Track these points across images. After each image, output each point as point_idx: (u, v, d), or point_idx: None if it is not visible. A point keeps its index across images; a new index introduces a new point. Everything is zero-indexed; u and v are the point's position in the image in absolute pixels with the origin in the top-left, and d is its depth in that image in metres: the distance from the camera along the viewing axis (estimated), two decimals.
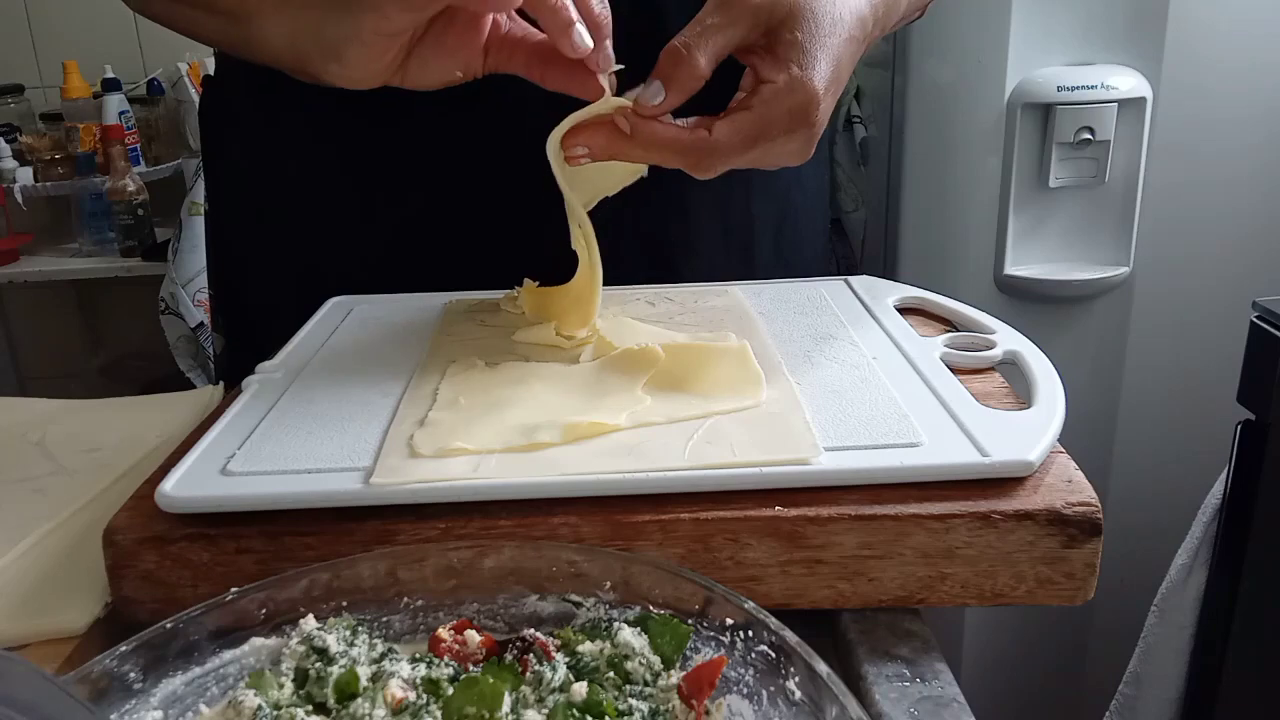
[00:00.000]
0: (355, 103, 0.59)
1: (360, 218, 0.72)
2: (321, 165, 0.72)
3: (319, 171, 0.72)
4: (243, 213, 0.79)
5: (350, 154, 0.71)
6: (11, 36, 2.39)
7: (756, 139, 0.51)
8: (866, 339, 0.57)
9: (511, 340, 0.58)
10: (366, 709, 0.31)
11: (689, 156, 0.51)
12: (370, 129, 0.66)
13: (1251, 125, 1.25)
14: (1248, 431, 0.96)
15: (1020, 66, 1.25)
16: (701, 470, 0.42)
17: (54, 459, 0.57)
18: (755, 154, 0.52)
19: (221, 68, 0.78)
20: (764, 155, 0.52)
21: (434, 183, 0.70)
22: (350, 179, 0.71)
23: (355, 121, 0.68)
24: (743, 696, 0.33)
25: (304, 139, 0.72)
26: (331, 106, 0.68)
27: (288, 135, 0.73)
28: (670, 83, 0.50)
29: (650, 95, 0.50)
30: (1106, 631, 1.39)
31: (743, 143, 0.50)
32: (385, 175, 0.70)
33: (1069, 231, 1.32)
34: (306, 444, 0.46)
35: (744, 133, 0.50)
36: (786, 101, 0.51)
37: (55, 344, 2.53)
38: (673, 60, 0.50)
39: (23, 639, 0.42)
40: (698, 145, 0.50)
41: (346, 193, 0.72)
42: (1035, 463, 0.42)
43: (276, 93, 0.72)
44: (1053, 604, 0.42)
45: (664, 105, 0.50)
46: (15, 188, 2.16)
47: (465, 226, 0.70)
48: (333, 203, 0.73)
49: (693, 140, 0.50)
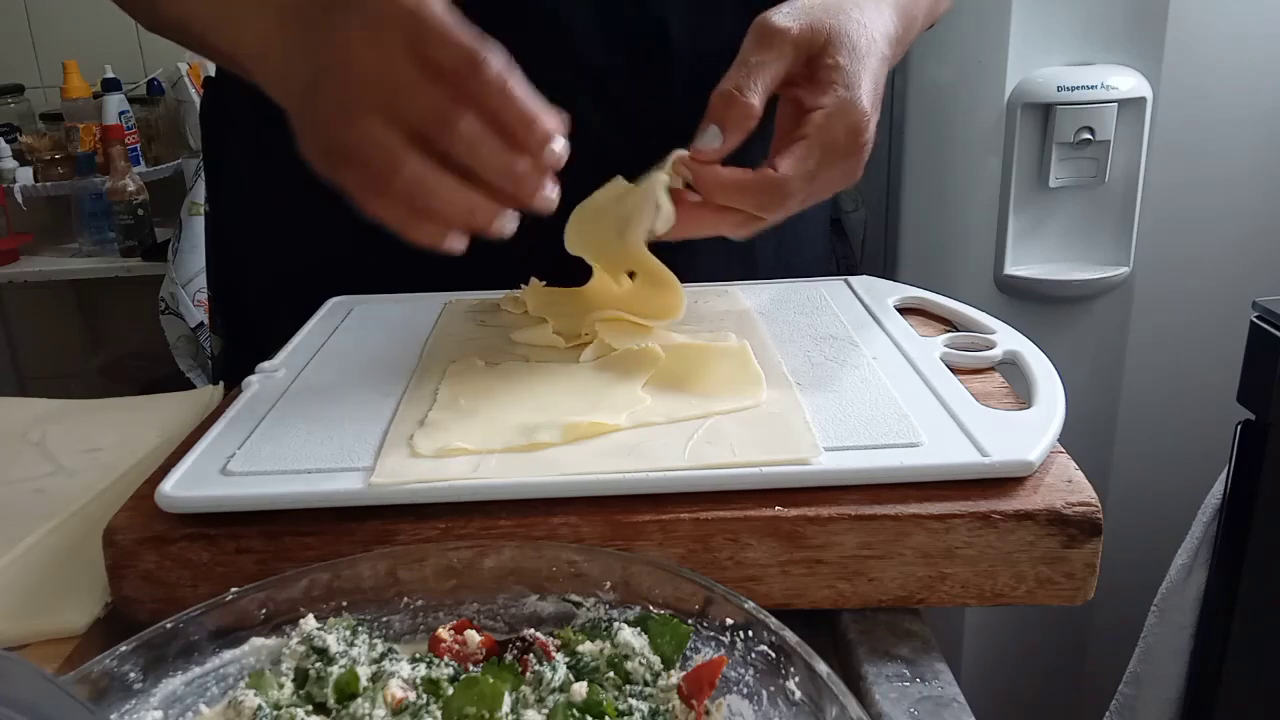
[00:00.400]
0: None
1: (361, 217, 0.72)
2: None
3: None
4: (243, 213, 0.78)
5: None
6: (11, 36, 2.39)
7: (820, 165, 0.51)
8: (866, 339, 0.57)
9: (511, 340, 0.58)
10: (366, 709, 0.31)
11: (759, 196, 0.51)
12: None
13: (1251, 125, 1.25)
14: (1248, 431, 0.96)
15: (1020, 66, 1.25)
16: (701, 470, 0.42)
17: (54, 459, 0.57)
18: (817, 185, 0.52)
19: (222, 69, 0.79)
20: (823, 184, 0.53)
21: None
22: None
23: None
24: (743, 696, 0.33)
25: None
26: None
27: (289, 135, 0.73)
28: (726, 124, 0.51)
29: (708, 140, 0.51)
30: (1106, 631, 1.39)
31: (807, 172, 0.51)
32: None
33: (1069, 231, 1.32)
34: (306, 444, 0.46)
35: (806, 161, 0.51)
36: (841, 123, 0.51)
37: (55, 344, 2.53)
38: (726, 103, 0.51)
39: (23, 639, 0.42)
40: (766, 183, 0.51)
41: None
42: (1035, 463, 0.42)
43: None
44: (1053, 604, 0.42)
45: (724, 148, 0.51)
46: (15, 188, 2.16)
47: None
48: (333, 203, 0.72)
49: (760, 179, 0.51)
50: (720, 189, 0.51)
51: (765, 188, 0.51)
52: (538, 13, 0.65)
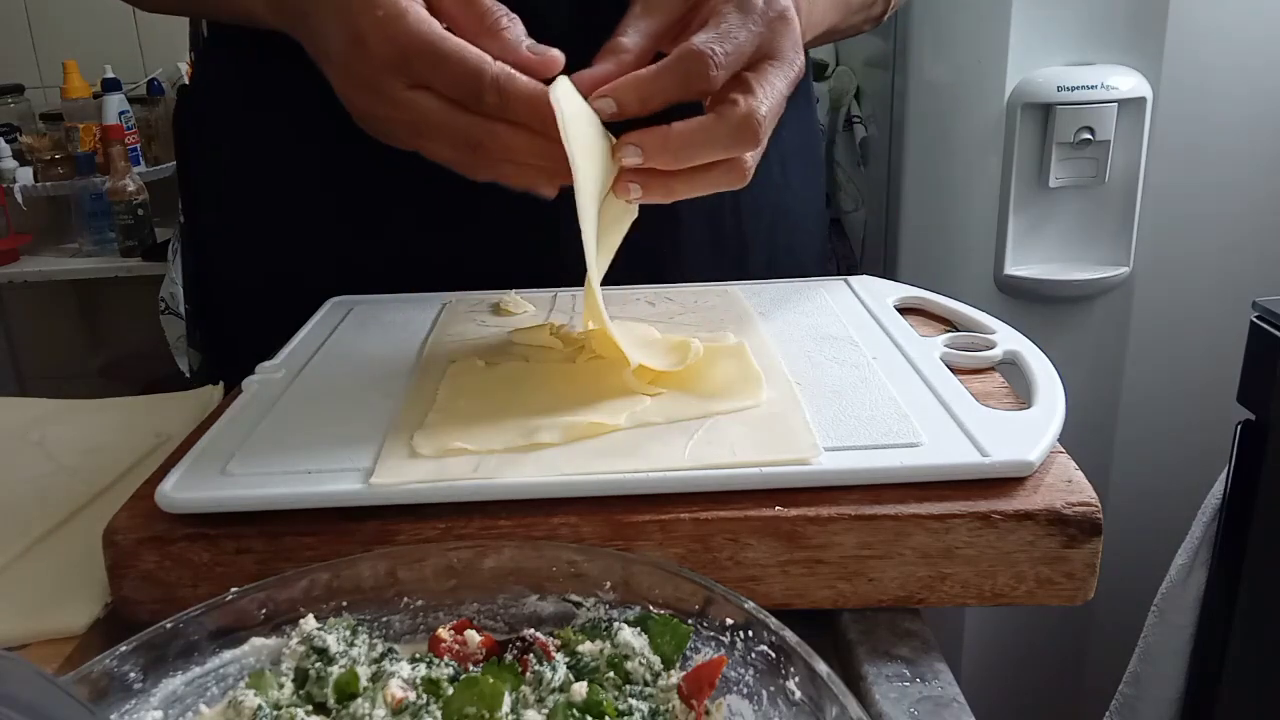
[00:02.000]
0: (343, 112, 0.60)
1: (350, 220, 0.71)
2: (307, 169, 0.71)
3: (304, 176, 0.71)
4: (224, 223, 0.77)
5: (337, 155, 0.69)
6: (11, 36, 2.40)
7: (738, 27, 0.49)
8: (866, 339, 0.57)
9: (511, 340, 0.58)
10: (366, 709, 0.31)
11: (678, 76, 0.48)
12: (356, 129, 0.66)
13: (1251, 125, 1.25)
14: (1248, 431, 0.96)
15: (1020, 66, 1.25)
16: (701, 470, 0.42)
17: (54, 459, 0.57)
18: (750, 59, 0.50)
19: (201, 75, 0.77)
20: (756, 60, 0.50)
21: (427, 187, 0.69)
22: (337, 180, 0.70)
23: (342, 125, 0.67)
24: (743, 696, 0.33)
25: (289, 138, 0.71)
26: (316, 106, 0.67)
27: (271, 139, 0.72)
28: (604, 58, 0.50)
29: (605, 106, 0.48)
30: (1106, 631, 1.39)
31: (723, 35, 0.49)
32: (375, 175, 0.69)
33: (1069, 231, 1.31)
34: (306, 444, 0.46)
35: (719, 24, 0.49)
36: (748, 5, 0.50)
37: (55, 344, 2.54)
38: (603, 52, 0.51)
39: (23, 639, 0.42)
40: (683, 58, 0.48)
41: (334, 195, 0.70)
42: (1035, 463, 0.42)
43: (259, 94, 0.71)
44: (1053, 604, 0.42)
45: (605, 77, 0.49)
46: (15, 188, 2.17)
47: (459, 229, 0.70)
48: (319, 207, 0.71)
49: (676, 56, 0.48)
50: (637, 88, 0.48)
51: (685, 63, 0.48)
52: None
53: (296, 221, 0.72)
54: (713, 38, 0.49)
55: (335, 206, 0.71)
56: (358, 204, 0.70)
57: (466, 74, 0.47)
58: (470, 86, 0.48)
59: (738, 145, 0.49)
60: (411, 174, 0.57)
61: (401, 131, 0.52)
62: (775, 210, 0.77)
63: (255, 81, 0.71)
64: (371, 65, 0.49)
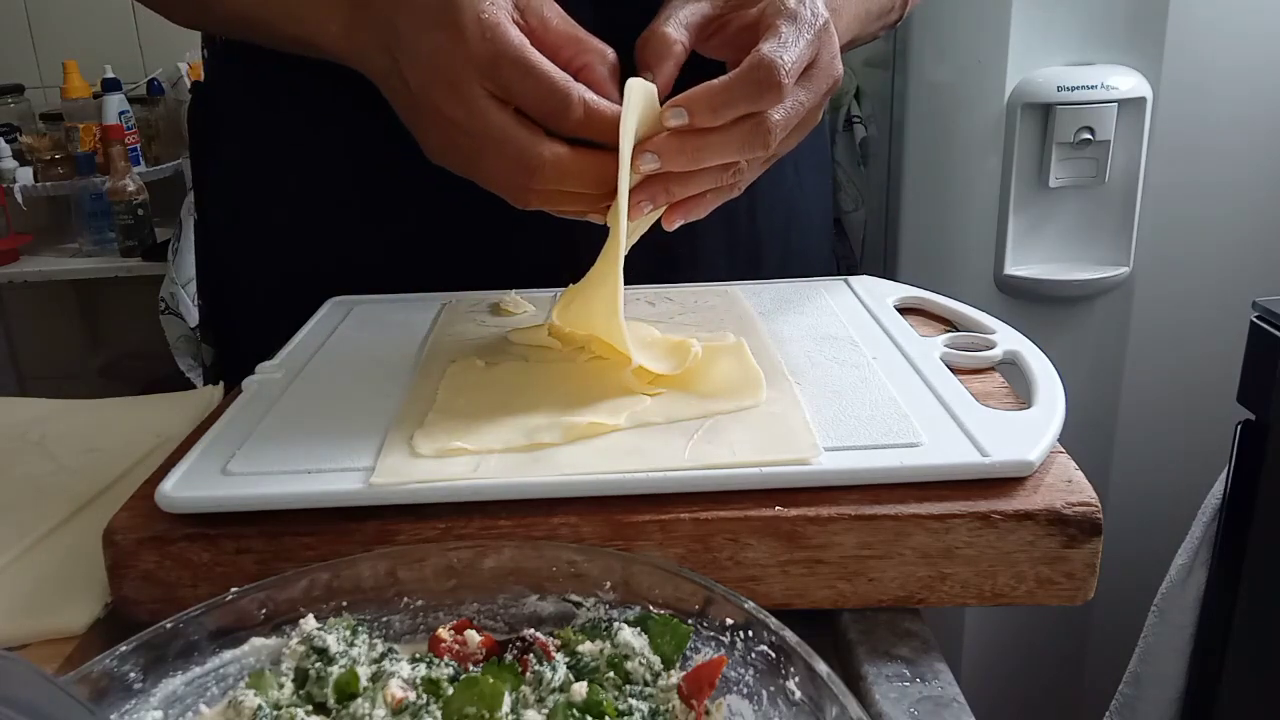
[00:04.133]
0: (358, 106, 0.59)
1: (360, 219, 0.71)
2: (319, 168, 0.71)
3: (316, 174, 0.71)
4: (236, 221, 0.77)
5: (349, 154, 0.70)
6: (11, 36, 2.40)
7: (796, 38, 0.50)
8: (866, 339, 0.57)
9: (510, 340, 0.58)
10: (366, 709, 0.31)
11: (753, 88, 0.48)
12: (369, 123, 0.66)
13: (1251, 125, 1.25)
14: (1248, 431, 0.96)
15: (1020, 66, 1.25)
16: (701, 470, 0.42)
17: (54, 459, 0.57)
18: (806, 67, 0.51)
19: (214, 74, 0.77)
20: (812, 71, 0.52)
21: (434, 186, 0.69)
22: (349, 179, 0.71)
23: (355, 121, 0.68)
24: (743, 696, 0.33)
25: (302, 137, 0.71)
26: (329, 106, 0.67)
27: (284, 136, 0.72)
28: (648, 60, 0.52)
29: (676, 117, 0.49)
30: (1106, 631, 1.39)
31: (787, 44, 0.49)
32: (385, 174, 0.69)
33: (1069, 231, 1.32)
34: (306, 444, 0.46)
35: (781, 34, 0.50)
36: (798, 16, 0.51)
37: (55, 344, 2.54)
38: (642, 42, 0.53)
39: (23, 639, 0.42)
40: (756, 68, 0.48)
41: (345, 194, 0.71)
42: (1035, 463, 0.42)
43: (272, 94, 0.71)
44: (1053, 604, 0.42)
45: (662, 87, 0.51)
46: (15, 188, 2.16)
47: (465, 229, 0.70)
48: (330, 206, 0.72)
49: (748, 67, 0.48)
50: (710, 100, 0.48)
51: (757, 73, 0.48)
52: None
53: (309, 220, 0.72)
54: (776, 47, 0.49)
55: (348, 206, 0.71)
56: (371, 203, 0.71)
57: (555, 89, 0.49)
58: (556, 101, 0.49)
59: (764, 98, 0.49)
60: (425, 174, 0.57)
61: (463, 146, 0.52)
62: (789, 212, 0.78)
63: (270, 81, 0.71)
64: (461, 61, 0.49)
